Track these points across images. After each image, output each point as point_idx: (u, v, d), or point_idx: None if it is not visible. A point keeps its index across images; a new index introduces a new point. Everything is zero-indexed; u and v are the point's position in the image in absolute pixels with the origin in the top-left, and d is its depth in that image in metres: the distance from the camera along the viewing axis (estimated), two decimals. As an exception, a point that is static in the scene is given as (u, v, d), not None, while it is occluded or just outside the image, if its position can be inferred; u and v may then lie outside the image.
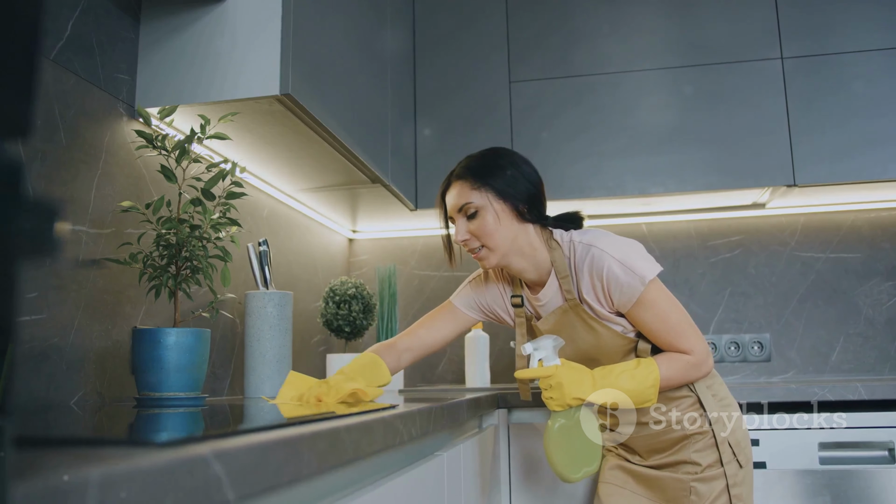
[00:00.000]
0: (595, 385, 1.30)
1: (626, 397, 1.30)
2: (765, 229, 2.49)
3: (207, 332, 1.26)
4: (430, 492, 1.05)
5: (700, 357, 1.35)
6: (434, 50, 2.46)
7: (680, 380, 1.35)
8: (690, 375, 1.36)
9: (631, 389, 1.30)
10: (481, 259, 1.40)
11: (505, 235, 1.36)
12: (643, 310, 1.33)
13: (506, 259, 1.39)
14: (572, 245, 1.38)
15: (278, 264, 2.08)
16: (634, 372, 1.31)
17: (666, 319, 1.34)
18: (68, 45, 1.25)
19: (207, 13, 1.42)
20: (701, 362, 1.36)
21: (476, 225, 1.37)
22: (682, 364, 1.34)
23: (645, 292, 1.31)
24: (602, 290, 1.33)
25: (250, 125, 1.52)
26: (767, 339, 2.42)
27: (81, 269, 1.25)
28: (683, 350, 1.35)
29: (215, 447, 0.47)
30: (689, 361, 1.34)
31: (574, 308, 1.38)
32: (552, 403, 1.30)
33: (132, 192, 1.39)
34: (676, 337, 1.34)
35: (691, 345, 1.34)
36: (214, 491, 0.46)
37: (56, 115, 1.21)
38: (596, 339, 1.39)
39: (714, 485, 1.37)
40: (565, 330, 1.41)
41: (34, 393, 1.13)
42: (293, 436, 0.58)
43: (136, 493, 0.38)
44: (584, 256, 1.34)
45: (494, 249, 1.37)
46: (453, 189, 1.41)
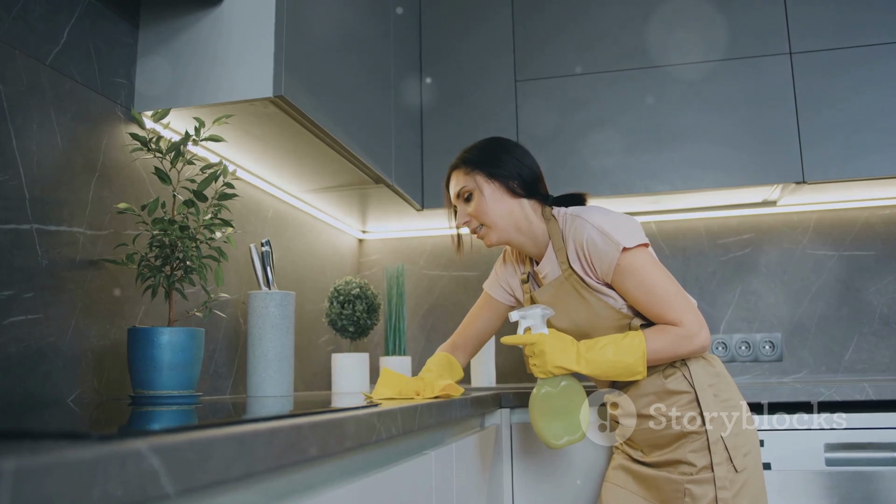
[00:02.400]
0: (579, 355, 1.32)
1: (612, 368, 1.31)
2: (776, 227, 2.45)
3: (201, 332, 1.28)
4: (413, 490, 1.05)
5: (690, 328, 1.32)
6: (441, 50, 2.46)
7: (670, 352, 1.33)
8: (682, 347, 1.33)
9: (616, 361, 1.31)
10: (483, 238, 1.50)
11: (499, 212, 1.46)
12: (625, 278, 1.35)
13: (506, 234, 1.48)
14: (565, 217, 1.44)
15: (284, 265, 2.10)
16: (620, 343, 1.32)
17: (651, 289, 1.34)
18: (65, 50, 1.27)
19: (204, 17, 1.44)
20: (692, 334, 1.32)
21: (472, 206, 1.48)
22: (672, 336, 1.32)
23: (623, 259, 1.33)
24: (585, 258, 1.38)
25: (248, 127, 1.54)
26: (779, 338, 2.39)
27: (79, 270, 1.27)
28: (672, 321, 1.33)
29: (152, 441, 0.47)
30: (679, 333, 1.32)
31: (569, 279, 1.43)
32: (536, 370, 1.34)
33: (130, 194, 1.41)
34: (664, 308, 1.33)
35: (679, 315, 1.32)
36: (150, 484, 0.47)
37: (52, 120, 1.24)
38: (588, 311, 1.41)
39: (707, 488, 1.33)
40: (561, 301, 1.45)
41: (30, 391, 1.15)
42: (243, 432, 0.58)
43: (57, 485, 0.39)
44: (571, 227, 1.41)
45: (492, 226, 1.47)
46: (452, 178, 1.54)
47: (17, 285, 1.14)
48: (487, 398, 1.59)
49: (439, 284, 2.69)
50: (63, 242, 1.24)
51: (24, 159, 1.17)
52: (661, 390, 1.39)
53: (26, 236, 1.17)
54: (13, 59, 1.17)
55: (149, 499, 0.46)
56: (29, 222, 1.17)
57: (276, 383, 1.61)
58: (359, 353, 2.08)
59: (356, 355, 2.07)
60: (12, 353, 1.12)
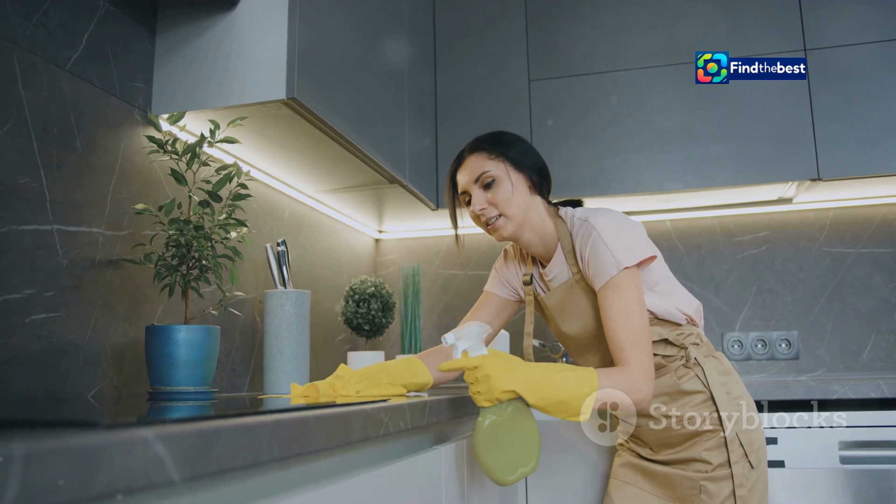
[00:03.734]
0: (527, 376, 1.15)
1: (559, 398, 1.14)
2: (792, 224, 2.44)
3: (217, 329, 1.31)
4: (422, 486, 1.07)
5: (641, 381, 1.21)
6: (455, 50, 2.48)
7: (616, 399, 1.19)
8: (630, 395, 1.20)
9: (564, 390, 1.14)
10: (497, 229, 1.42)
11: (520, 204, 1.41)
12: (610, 293, 1.28)
13: (520, 229, 1.42)
14: (574, 219, 1.41)
15: (301, 264, 2.13)
16: (570, 374, 1.17)
17: (627, 314, 1.26)
18: (84, 56, 1.31)
19: (219, 21, 1.47)
20: (642, 385, 1.21)
21: (493, 194, 1.40)
22: (624, 380, 1.20)
23: (617, 277, 1.28)
24: (586, 264, 1.35)
25: (262, 129, 1.57)
26: (795, 336, 2.38)
27: (98, 269, 1.31)
28: (628, 358, 1.23)
29: (158, 430, 0.50)
30: (627, 374, 1.21)
31: (579, 282, 1.40)
32: (479, 399, 1.16)
33: (148, 196, 1.45)
34: (629, 340, 1.24)
35: (638, 358, 1.22)
36: (156, 471, 0.49)
37: (72, 124, 1.27)
38: (598, 318, 1.37)
39: (723, 485, 1.34)
40: (571, 305, 1.42)
41: (52, 387, 1.19)
42: (248, 423, 0.61)
43: (65, 469, 0.41)
44: (579, 230, 1.37)
45: (511, 218, 1.40)
46: (467, 162, 1.44)
47: (39, 284, 1.18)
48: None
49: (455, 283, 2.71)
50: (83, 242, 1.28)
51: (45, 162, 1.21)
52: (674, 390, 1.38)
53: (47, 236, 1.20)
54: (34, 65, 1.20)
55: (154, 485, 0.48)
56: (50, 223, 1.21)
57: (292, 380, 1.64)
58: (374, 352, 2.11)
59: (371, 353, 2.10)
60: (34, 349, 1.16)
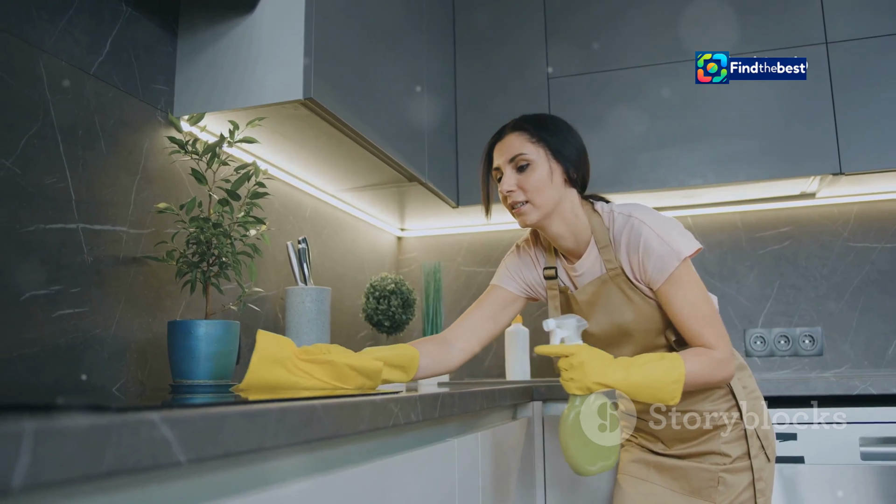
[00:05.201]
0: (622, 369, 1.20)
1: (649, 389, 1.21)
2: (816, 220, 2.42)
3: (236, 324, 1.35)
4: (435, 477, 1.09)
5: (725, 353, 1.28)
6: (474, 47, 2.50)
7: (705, 377, 1.26)
8: (715, 374, 1.27)
9: (655, 380, 1.20)
10: (522, 215, 1.37)
11: (552, 195, 1.35)
12: (675, 287, 1.29)
13: (547, 220, 1.37)
14: (612, 215, 1.37)
15: (322, 261, 2.17)
16: (658, 364, 1.22)
17: (694, 304, 1.29)
18: (108, 60, 1.35)
19: (238, 24, 1.51)
20: (727, 359, 1.28)
21: (525, 178, 1.36)
22: (708, 360, 1.26)
23: (679, 268, 1.27)
24: (638, 261, 1.31)
25: (281, 129, 1.60)
26: (819, 332, 2.36)
27: (122, 267, 1.35)
28: (708, 342, 1.28)
29: (165, 413, 0.52)
30: (714, 357, 1.26)
31: (614, 278, 1.36)
32: (571, 386, 1.20)
33: (170, 195, 1.49)
34: (704, 326, 1.28)
35: (717, 339, 1.28)
36: (162, 452, 0.52)
37: (97, 125, 1.32)
38: (633, 313, 1.36)
39: (742, 477, 1.36)
40: (602, 300, 1.38)
41: (78, 380, 1.23)
42: (254, 409, 0.63)
43: (73, 447, 0.44)
44: (623, 226, 1.33)
45: (539, 206, 1.36)
46: (507, 139, 1.40)
47: (65, 281, 1.22)
48: (517, 390, 1.62)
49: (476, 281, 2.73)
50: (107, 240, 1.32)
51: (71, 163, 1.25)
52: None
53: (73, 235, 1.25)
54: (60, 69, 1.25)
55: (161, 465, 0.51)
56: (75, 222, 1.25)
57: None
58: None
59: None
60: (61, 343, 1.20)
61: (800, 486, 1.65)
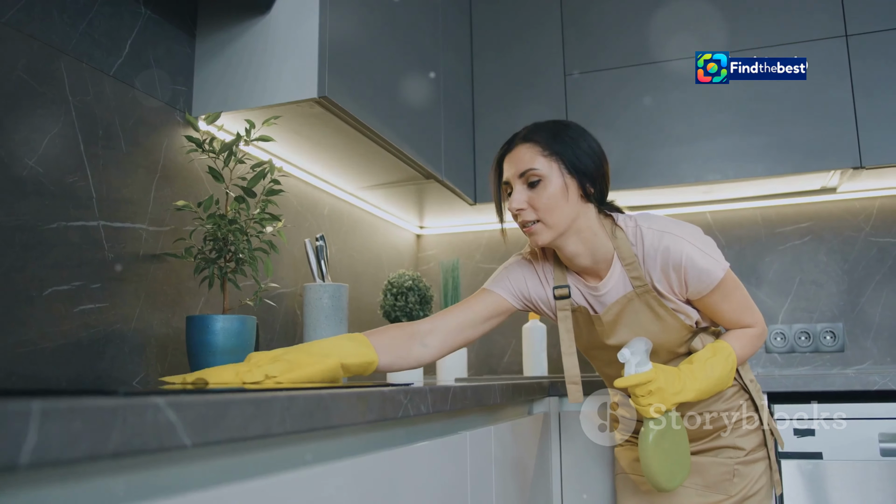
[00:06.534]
0: (688, 385, 1.24)
1: (713, 388, 1.28)
2: (837, 214, 2.39)
3: (253, 319, 1.37)
4: (445, 469, 1.10)
5: (762, 327, 1.37)
6: (491, 46, 2.51)
7: (749, 355, 1.36)
8: (756, 347, 1.37)
9: (718, 377, 1.27)
10: (533, 234, 1.26)
11: (566, 213, 1.25)
12: (719, 295, 1.28)
13: (561, 239, 1.27)
14: (639, 230, 1.28)
15: (341, 259, 2.19)
16: (714, 360, 1.28)
17: (735, 300, 1.32)
18: (127, 61, 1.39)
19: (254, 24, 1.53)
20: (763, 331, 1.37)
21: (536, 195, 1.25)
22: (749, 339, 1.35)
23: (725, 278, 1.27)
24: (678, 278, 1.26)
25: (297, 127, 1.63)
26: (840, 328, 2.33)
27: (142, 263, 1.38)
28: (748, 325, 1.35)
29: (170, 398, 0.54)
30: (754, 334, 1.36)
31: (642, 295, 1.29)
32: (651, 411, 1.21)
33: (189, 192, 1.52)
34: (742, 314, 1.34)
35: (755, 318, 1.35)
36: (167, 435, 0.53)
37: (117, 126, 1.35)
38: (660, 328, 1.32)
39: (756, 467, 1.38)
40: (627, 319, 1.33)
41: (99, 373, 1.27)
42: (259, 397, 0.65)
43: (79, 427, 0.46)
44: (657, 244, 1.25)
45: (552, 226, 1.25)
46: (517, 151, 1.29)
47: (86, 277, 1.26)
48: (532, 385, 1.63)
49: (494, 278, 2.73)
50: (127, 238, 1.35)
51: (91, 162, 1.29)
52: None
53: (94, 232, 1.28)
54: (80, 71, 1.28)
55: (166, 447, 0.53)
56: (96, 219, 1.29)
57: (329, 371, 1.70)
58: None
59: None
60: (82, 337, 1.23)
61: (818, 482, 1.64)
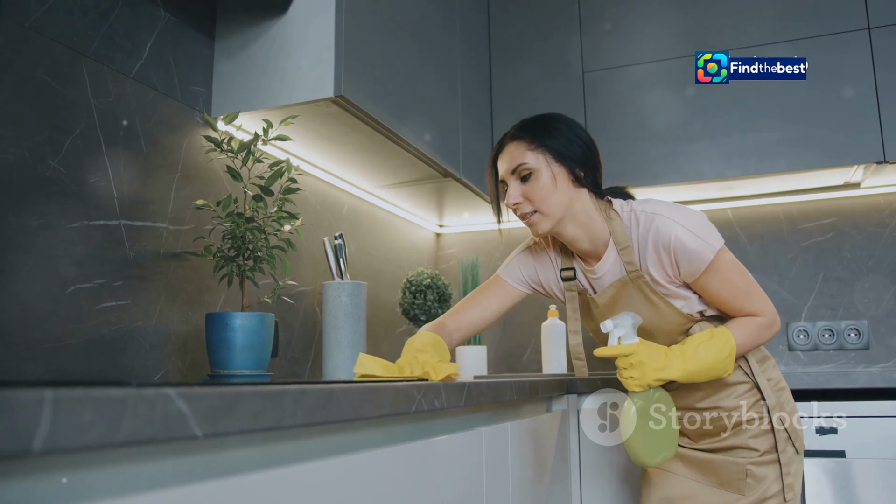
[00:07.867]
0: (674, 363, 1.24)
1: (706, 371, 1.25)
2: (861, 210, 2.36)
3: (271, 316, 1.39)
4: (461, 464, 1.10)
5: (770, 317, 1.32)
6: (508, 43, 2.51)
7: (753, 344, 1.32)
8: (763, 337, 1.32)
9: (711, 361, 1.25)
10: (533, 225, 1.34)
11: (559, 200, 1.31)
12: (712, 277, 1.28)
13: (559, 225, 1.34)
14: (633, 214, 1.32)
15: (360, 257, 2.21)
16: (709, 344, 1.26)
17: (733, 284, 1.30)
18: (147, 63, 1.41)
19: (272, 25, 1.55)
20: (772, 322, 1.32)
21: (530, 188, 1.31)
22: (754, 327, 1.30)
23: (714, 259, 1.26)
24: (670, 260, 1.28)
25: (315, 126, 1.64)
26: (865, 325, 2.30)
27: (162, 261, 1.41)
28: (752, 313, 1.31)
29: (181, 389, 0.55)
30: (761, 324, 1.30)
31: (635, 280, 1.33)
32: (632, 383, 1.23)
33: (208, 192, 1.54)
34: (745, 301, 1.31)
35: (761, 306, 1.31)
36: (178, 425, 0.55)
37: (137, 126, 1.38)
38: (655, 314, 1.34)
39: (770, 469, 1.34)
40: (622, 304, 1.36)
41: (121, 369, 1.29)
42: (270, 390, 0.66)
43: (91, 415, 0.48)
44: (649, 226, 1.29)
45: (548, 215, 1.32)
46: (507, 150, 1.36)
47: (108, 275, 1.28)
48: (549, 382, 1.63)
49: (514, 276, 2.73)
50: (148, 236, 1.38)
51: (113, 163, 1.31)
52: (716, 383, 1.38)
53: (115, 231, 1.30)
54: (101, 73, 1.31)
55: (177, 437, 0.54)
56: (117, 218, 1.31)
57: (349, 367, 1.71)
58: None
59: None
60: (104, 334, 1.26)
61: (841, 480, 1.62)
